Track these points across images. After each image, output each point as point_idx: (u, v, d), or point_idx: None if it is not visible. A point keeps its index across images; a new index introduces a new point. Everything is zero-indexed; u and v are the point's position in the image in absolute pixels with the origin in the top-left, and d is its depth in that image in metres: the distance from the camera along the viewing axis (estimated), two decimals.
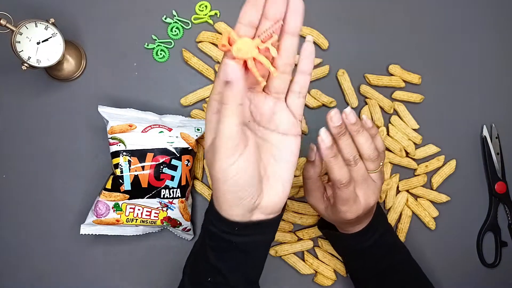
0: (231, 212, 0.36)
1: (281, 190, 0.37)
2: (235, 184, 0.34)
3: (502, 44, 0.67)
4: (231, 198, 0.35)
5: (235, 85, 0.31)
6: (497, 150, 0.65)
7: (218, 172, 0.34)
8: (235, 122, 0.33)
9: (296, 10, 0.35)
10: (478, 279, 0.65)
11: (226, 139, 0.33)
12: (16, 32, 0.53)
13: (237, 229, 0.37)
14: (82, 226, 0.56)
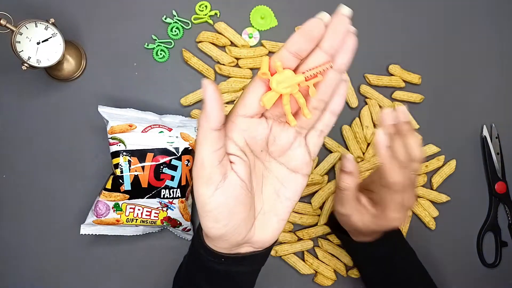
0: (216, 245, 0.34)
1: (276, 228, 0.34)
2: (215, 219, 0.31)
3: (502, 44, 0.67)
4: (213, 233, 0.32)
5: (209, 106, 0.28)
6: (497, 150, 0.65)
7: (198, 200, 0.31)
8: (207, 149, 0.29)
9: (350, 46, 0.31)
10: (478, 279, 0.65)
11: (199, 166, 0.29)
12: (16, 32, 0.53)
13: (224, 260, 0.34)
14: (82, 226, 0.56)
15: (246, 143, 0.31)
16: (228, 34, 0.62)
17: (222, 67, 0.62)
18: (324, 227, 0.62)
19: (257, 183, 0.33)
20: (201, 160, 0.29)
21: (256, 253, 0.35)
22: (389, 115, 0.42)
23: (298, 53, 0.29)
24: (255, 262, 0.36)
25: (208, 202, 0.30)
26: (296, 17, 0.64)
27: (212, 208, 0.30)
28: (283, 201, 0.34)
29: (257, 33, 0.64)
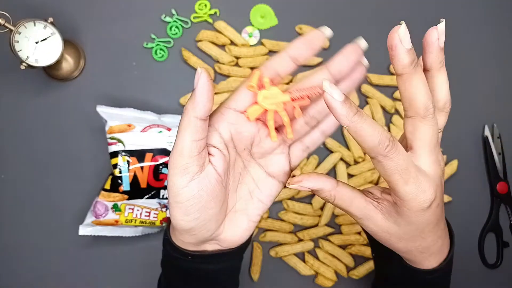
0: (183, 240, 0.33)
1: (245, 228, 0.34)
2: (185, 212, 0.30)
3: (504, 44, 0.67)
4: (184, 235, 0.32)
5: (198, 94, 0.28)
6: (499, 150, 0.65)
7: (171, 189, 0.30)
8: (188, 137, 0.28)
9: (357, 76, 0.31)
10: (479, 280, 0.64)
11: (177, 154, 0.29)
12: (15, 31, 0.53)
13: (190, 258, 0.34)
14: (80, 227, 0.56)
15: (231, 137, 0.32)
16: (227, 33, 0.62)
17: (221, 66, 0.62)
18: (324, 228, 0.61)
19: (233, 180, 0.33)
20: (181, 148, 0.29)
21: (223, 252, 0.34)
22: (405, 35, 0.27)
23: (296, 58, 0.31)
24: (223, 261, 0.35)
25: (180, 192, 0.29)
26: (296, 16, 0.64)
27: (184, 199, 0.30)
28: (255, 203, 0.34)
29: (257, 32, 0.63)
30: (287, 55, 0.30)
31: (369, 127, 0.27)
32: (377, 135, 0.27)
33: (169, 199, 0.31)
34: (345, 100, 0.26)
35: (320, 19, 0.64)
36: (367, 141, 0.27)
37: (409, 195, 0.29)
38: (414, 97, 0.28)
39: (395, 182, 0.29)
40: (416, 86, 0.28)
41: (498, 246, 0.65)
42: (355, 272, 0.61)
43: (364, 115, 0.27)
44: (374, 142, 0.27)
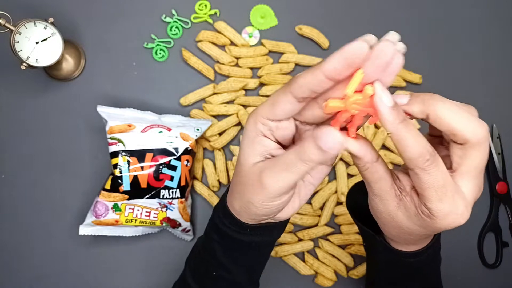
0: (247, 218, 0.36)
1: (297, 206, 0.36)
2: (268, 212, 0.33)
3: (503, 44, 0.67)
4: (255, 217, 0.35)
5: (329, 156, 0.28)
6: (498, 150, 0.65)
7: (257, 203, 0.32)
8: (300, 177, 0.30)
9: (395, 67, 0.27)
10: (479, 280, 0.64)
11: (284, 187, 0.31)
12: (15, 31, 0.53)
13: (248, 230, 0.36)
14: (81, 227, 0.56)
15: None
16: (227, 34, 0.62)
17: (221, 66, 0.62)
18: (324, 228, 0.61)
19: None
20: (289, 184, 0.31)
21: (278, 223, 0.37)
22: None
23: (334, 77, 0.27)
24: (274, 232, 0.39)
25: (271, 204, 0.32)
26: (296, 16, 0.64)
27: (272, 206, 0.33)
28: (307, 186, 0.36)
29: (257, 32, 0.64)
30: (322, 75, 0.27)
31: (412, 138, 0.27)
32: (419, 147, 0.27)
33: (250, 204, 0.33)
34: (393, 106, 0.26)
35: (320, 19, 0.64)
36: (407, 151, 0.27)
37: (440, 212, 0.29)
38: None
39: (429, 197, 0.29)
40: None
41: (497, 246, 0.65)
42: (354, 272, 0.61)
43: (409, 125, 0.27)
44: (415, 154, 0.27)
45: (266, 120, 0.31)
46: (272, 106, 0.30)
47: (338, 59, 0.25)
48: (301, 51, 0.63)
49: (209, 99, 0.62)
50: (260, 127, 0.31)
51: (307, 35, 0.63)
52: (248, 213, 0.34)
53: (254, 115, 0.31)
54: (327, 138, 0.27)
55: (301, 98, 0.28)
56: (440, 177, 0.28)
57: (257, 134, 0.31)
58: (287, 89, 0.28)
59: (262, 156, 0.32)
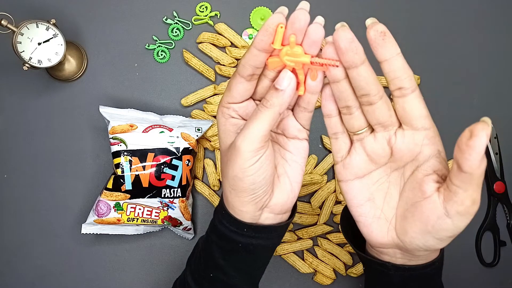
0: (242, 209, 0.36)
1: (290, 189, 0.37)
2: (252, 182, 0.34)
3: (501, 44, 0.68)
4: (245, 195, 0.35)
5: (286, 95, 0.32)
6: (496, 150, 0.65)
7: (238, 171, 0.34)
8: (268, 126, 0.32)
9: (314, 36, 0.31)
10: (476, 279, 0.65)
11: (256, 140, 0.32)
12: (17, 32, 0.53)
13: (246, 230, 0.37)
14: (83, 226, 0.57)
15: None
16: (228, 35, 0.63)
17: (222, 67, 0.62)
18: (323, 226, 0.62)
19: None
20: (261, 134, 0.33)
21: (275, 225, 0.38)
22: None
23: (265, 48, 0.31)
24: (273, 235, 0.39)
25: (250, 168, 0.33)
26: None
27: (253, 172, 0.34)
28: (291, 164, 0.37)
29: None
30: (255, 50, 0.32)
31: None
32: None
33: (233, 178, 0.34)
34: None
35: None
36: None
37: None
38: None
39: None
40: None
41: (495, 245, 0.65)
42: (353, 270, 0.62)
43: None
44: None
45: (228, 105, 0.35)
46: (229, 91, 0.34)
47: (262, 31, 0.30)
48: None
49: (209, 99, 0.62)
50: (226, 111, 0.35)
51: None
52: (238, 196, 0.35)
53: (219, 105, 0.35)
54: (280, 78, 0.32)
55: (247, 76, 0.33)
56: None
57: (226, 119, 0.35)
58: (235, 72, 0.33)
59: (236, 133, 0.35)
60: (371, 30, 0.29)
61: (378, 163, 0.34)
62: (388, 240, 0.35)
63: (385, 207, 0.35)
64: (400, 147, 0.32)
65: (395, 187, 0.34)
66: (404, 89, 0.30)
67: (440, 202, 0.30)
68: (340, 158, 0.35)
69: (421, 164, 0.32)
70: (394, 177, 0.35)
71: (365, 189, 0.35)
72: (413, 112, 0.30)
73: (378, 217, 0.35)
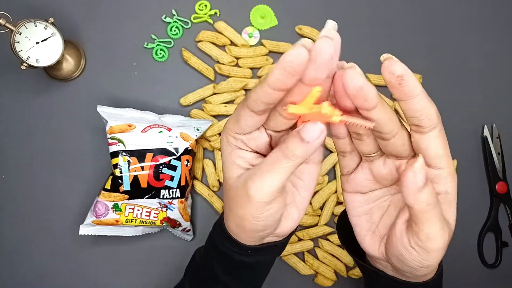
0: (247, 240, 0.34)
1: (297, 217, 0.35)
2: (263, 226, 0.32)
3: (503, 44, 0.67)
4: (253, 234, 0.33)
5: (312, 148, 0.27)
6: (498, 150, 0.65)
7: (249, 217, 0.31)
8: (287, 177, 0.29)
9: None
10: (478, 280, 0.64)
11: (272, 192, 0.29)
12: (15, 31, 0.53)
13: (250, 252, 0.35)
14: (81, 227, 0.56)
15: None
16: (228, 34, 0.62)
17: (222, 66, 0.62)
18: (324, 228, 0.61)
19: None
20: (278, 186, 0.29)
21: (277, 242, 0.36)
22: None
23: (281, 88, 0.26)
24: (276, 251, 0.37)
25: (262, 216, 0.31)
26: (296, 16, 0.64)
27: (265, 217, 0.31)
28: (301, 193, 0.34)
29: (257, 32, 0.64)
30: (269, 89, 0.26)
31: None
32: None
33: (242, 220, 0.31)
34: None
35: (320, 20, 0.64)
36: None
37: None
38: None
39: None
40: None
41: (497, 246, 0.65)
42: (354, 272, 0.62)
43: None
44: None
45: (235, 134, 0.30)
46: (236, 122, 0.30)
47: (279, 70, 0.24)
48: None
49: (209, 99, 0.62)
50: (232, 141, 0.31)
51: (307, 35, 0.63)
52: (245, 232, 0.33)
53: (224, 131, 0.31)
54: (308, 128, 0.27)
55: (258, 111, 0.28)
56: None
57: (232, 149, 0.31)
58: (245, 104, 0.28)
59: (243, 168, 0.31)
60: (386, 72, 0.26)
61: (383, 184, 0.33)
62: (379, 255, 0.34)
63: (380, 224, 0.34)
64: None
65: (395, 208, 0.33)
66: (422, 127, 0.27)
67: (404, 233, 0.30)
68: (345, 172, 0.33)
69: None
70: (397, 198, 0.33)
71: (365, 204, 0.34)
72: (428, 151, 0.28)
73: (373, 231, 0.34)
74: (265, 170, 0.29)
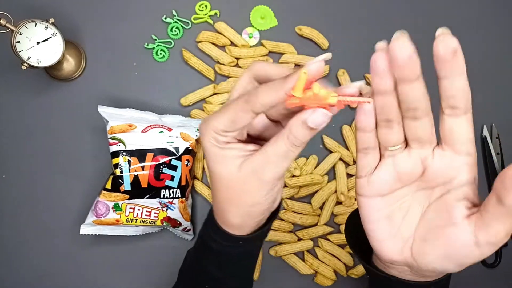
0: (245, 228, 0.35)
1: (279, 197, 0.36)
2: (272, 199, 0.33)
3: (502, 44, 0.67)
4: (260, 216, 0.34)
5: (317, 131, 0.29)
6: (497, 150, 0.65)
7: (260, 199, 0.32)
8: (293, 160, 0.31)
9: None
10: (478, 280, 0.64)
11: (281, 173, 0.31)
12: (16, 32, 0.53)
13: (241, 243, 0.36)
14: (82, 226, 0.56)
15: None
16: (228, 34, 0.62)
17: (222, 67, 0.62)
18: (324, 227, 0.62)
19: None
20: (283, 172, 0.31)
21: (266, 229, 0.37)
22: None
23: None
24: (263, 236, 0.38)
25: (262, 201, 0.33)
26: (296, 17, 0.64)
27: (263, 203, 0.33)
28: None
29: (257, 33, 0.64)
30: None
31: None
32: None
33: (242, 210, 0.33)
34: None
35: (320, 20, 0.64)
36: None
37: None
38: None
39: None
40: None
41: None
42: (354, 271, 0.62)
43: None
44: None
45: (225, 133, 0.31)
46: (231, 123, 0.30)
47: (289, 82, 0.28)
48: (301, 52, 0.64)
49: (209, 99, 0.62)
50: (222, 139, 0.31)
51: (307, 36, 0.63)
52: (254, 218, 0.34)
53: (209, 133, 0.31)
54: (314, 115, 0.28)
55: (262, 112, 0.30)
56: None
57: (222, 146, 0.31)
58: (247, 107, 0.29)
59: (240, 157, 0.31)
60: (441, 44, 0.26)
61: (406, 181, 0.31)
62: (401, 259, 0.32)
63: (403, 226, 0.32)
64: (436, 168, 0.30)
65: (418, 207, 0.32)
66: (458, 109, 0.28)
67: (470, 231, 0.28)
68: (365, 173, 0.32)
69: (453, 189, 0.30)
70: (420, 196, 0.31)
71: (385, 207, 0.32)
72: (461, 134, 0.29)
73: (394, 235, 0.32)
74: (276, 160, 0.30)
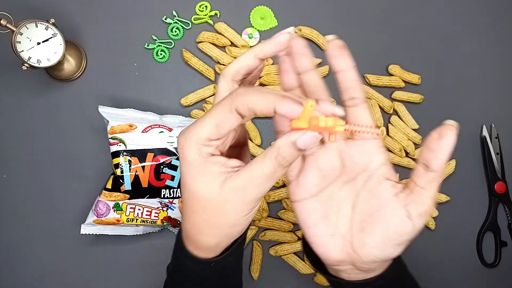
0: (219, 247, 0.34)
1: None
2: (238, 232, 0.33)
3: (502, 44, 0.67)
4: (236, 235, 0.33)
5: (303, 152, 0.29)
6: (497, 150, 0.65)
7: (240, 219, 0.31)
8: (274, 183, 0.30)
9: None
10: (478, 279, 0.65)
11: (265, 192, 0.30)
12: (17, 32, 0.53)
13: (213, 264, 0.35)
14: (82, 226, 0.57)
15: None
16: (228, 35, 0.63)
17: (222, 67, 0.62)
18: None
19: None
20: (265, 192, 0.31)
21: (235, 247, 0.35)
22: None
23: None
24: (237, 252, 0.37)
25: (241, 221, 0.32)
26: (296, 17, 0.64)
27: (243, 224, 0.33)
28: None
29: (257, 33, 0.64)
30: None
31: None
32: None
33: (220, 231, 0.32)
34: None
35: (319, 20, 0.64)
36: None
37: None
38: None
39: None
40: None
41: (496, 246, 0.65)
42: None
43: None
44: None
45: (210, 142, 0.29)
46: (216, 128, 0.29)
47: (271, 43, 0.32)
48: None
49: (209, 99, 0.62)
50: (206, 150, 0.30)
51: (306, 36, 0.64)
52: (231, 238, 0.33)
53: (191, 143, 0.30)
54: (303, 137, 0.28)
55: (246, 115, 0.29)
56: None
57: (206, 159, 0.30)
58: (231, 108, 0.28)
59: (223, 174, 0.30)
60: (330, 43, 0.32)
61: (330, 177, 0.33)
62: (344, 257, 0.33)
63: (339, 222, 0.33)
64: (352, 156, 0.33)
65: (347, 201, 0.33)
66: (356, 99, 0.32)
67: (401, 206, 0.31)
68: (292, 177, 0.34)
69: (372, 173, 0.32)
70: (347, 190, 0.33)
71: (320, 207, 0.33)
72: (364, 121, 0.32)
73: (333, 234, 0.33)
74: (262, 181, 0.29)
